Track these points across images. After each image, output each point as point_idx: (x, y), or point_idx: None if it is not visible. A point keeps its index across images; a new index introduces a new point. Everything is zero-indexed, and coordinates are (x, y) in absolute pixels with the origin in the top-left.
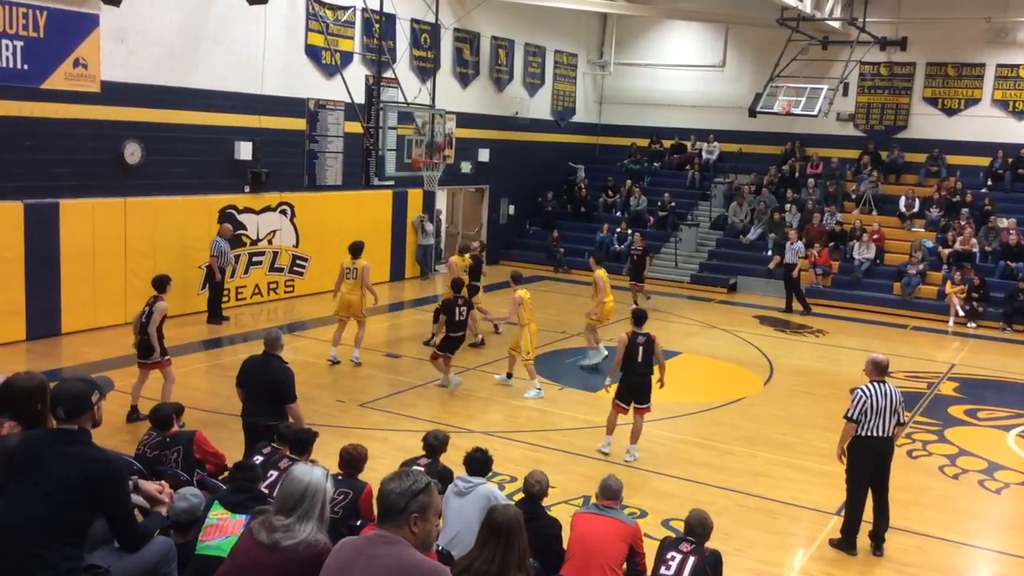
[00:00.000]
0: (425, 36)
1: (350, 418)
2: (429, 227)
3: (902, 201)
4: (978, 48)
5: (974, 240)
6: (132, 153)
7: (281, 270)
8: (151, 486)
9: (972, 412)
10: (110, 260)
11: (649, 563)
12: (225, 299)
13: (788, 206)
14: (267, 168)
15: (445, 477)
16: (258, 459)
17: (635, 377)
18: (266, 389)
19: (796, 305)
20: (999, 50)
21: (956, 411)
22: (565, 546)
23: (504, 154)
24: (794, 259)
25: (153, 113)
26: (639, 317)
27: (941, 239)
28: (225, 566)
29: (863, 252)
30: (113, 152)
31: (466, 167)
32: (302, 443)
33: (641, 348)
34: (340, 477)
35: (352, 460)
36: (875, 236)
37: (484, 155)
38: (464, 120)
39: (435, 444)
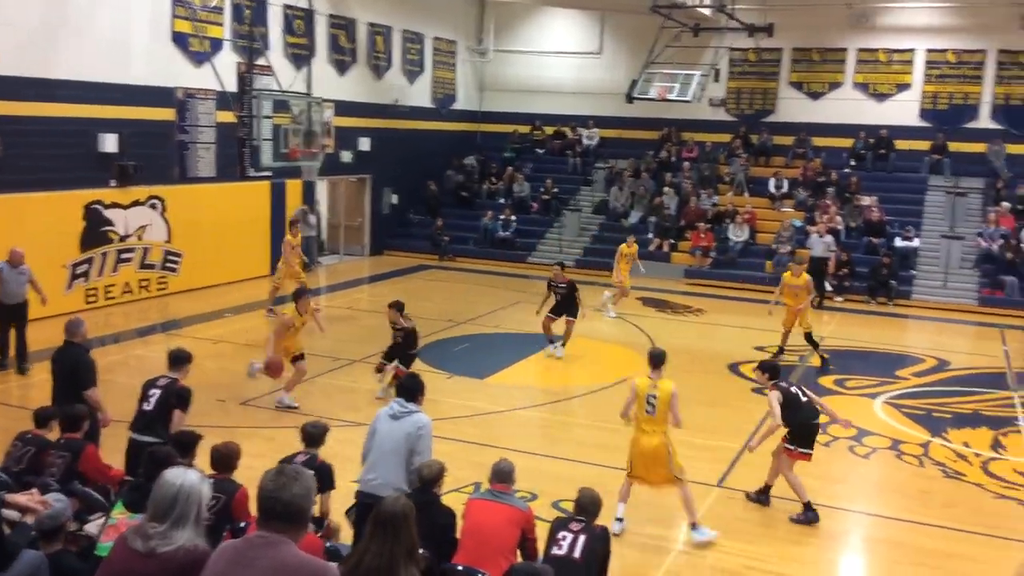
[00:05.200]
0: (299, 22)
1: (232, 417)
2: (311, 219)
3: (771, 183)
4: (840, 33)
5: (839, 218)
6: None
7: (152, 267)
8: (20, 498)
9: (841, 382)
10: None
11: (541, 545)
12: (93, 298)
13: (666, 190)
14: (135, 161)
15: (324, 473)
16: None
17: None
18: (66, 376)
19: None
20: (860, 35)
21: (826, 381)
22: (459, 534)
23: (385, 143)
24: (823, 252)
25: (11, 106)
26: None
27: (808, 218)
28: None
29: (737, 233)
30: None
31: (346, 156)
32: (184, 445)
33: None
34: (212, 479)
35: (223, 458)
36: (748, 217)
37: (365, 144)
38: (343, 108)
39: (314, 433)
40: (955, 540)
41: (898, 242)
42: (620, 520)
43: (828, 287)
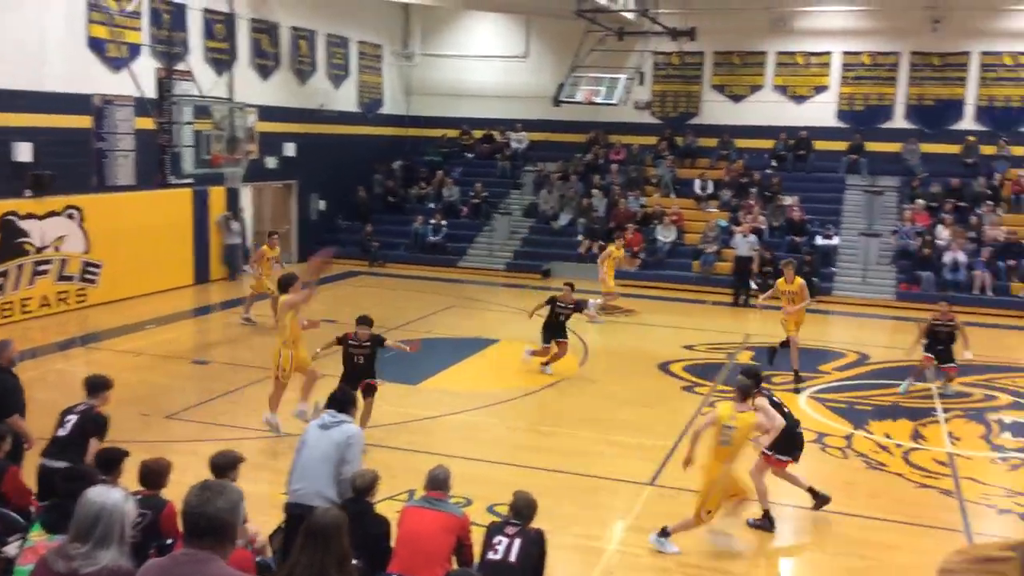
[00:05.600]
0: (220, 27)
1: (155, 432)
2: (235, 226)
3: (697, 184)
4: (760, 37)
5: (762, 218)
6: None
7: (71, 278)
8: None
9: (767, 378)
10: None
11: (477, 550)
12: (9, 312)
13: (595, 192)
14: (51, 170)
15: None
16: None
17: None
18: None
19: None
20: (778, 38)
21: None
22: (394, 542)
23: (311, 148)
24: (748, 251)
25: None
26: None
27: (733, 218)
28: None
29: (665, 234)
30: None
31: (271, 162)
32: (109, 462)
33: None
34: (138, 495)
35: (152, 474)
36: (675, 218)
37: (290, 149)
38: (267, 113)
39: (223, 464)
40: (880, 530)
41: (819, 240)
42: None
43: (753, 285)
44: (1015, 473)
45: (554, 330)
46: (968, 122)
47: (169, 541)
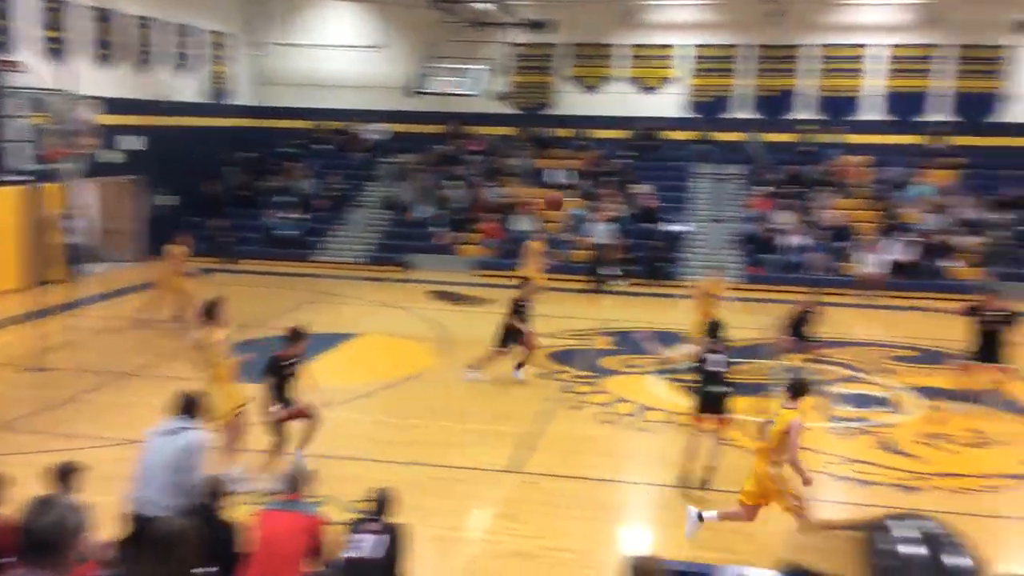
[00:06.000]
0: (55, 14)
1: None
2: (73, 224)
3: (555, 174)
4: (612, 29)
5: (618, 205)
6: None
7: None
8: None
9: (623, 362)
10: None
11: (338, 548)
12: None
13: (454, 183)
14: None
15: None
16: None
17: None
18: None
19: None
20: (629, 31)
21: (610, 362)
22: (251, 545)
23: (158, 141)
24: (605, 239)
25: None
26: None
27: (590, 207)
28: None
29: (524, 224)
30: None
31: (113, 156)
32: None
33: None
34: None
35: None
36: (533, 208)
37: (135, 143)
38: (109, 105)
39: (61, 475)
40: (725, 502)
41: (670, 227)
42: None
43: (613, 272)
44: (850, 441)
45: (514, 333)
46: (803, 111)
47: (4, 560)
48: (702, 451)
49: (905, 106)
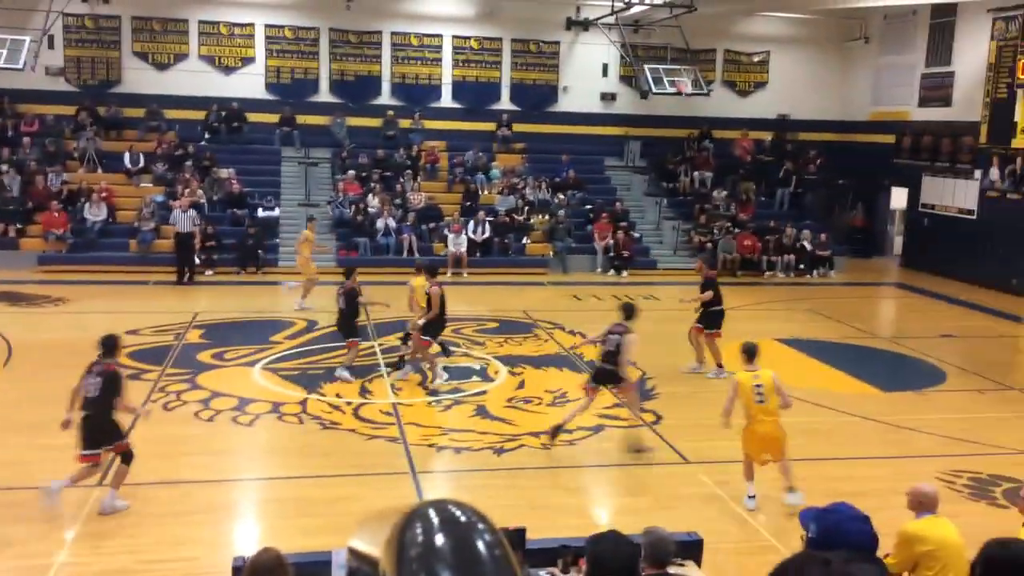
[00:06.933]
0: None
1: None
2: None
3: (127, 157)
4: (182, 5)
5: (200, 191)
6: None
7: None
8: None
9: (220, 355)
10: None
11: None
12: None
13: (5, 168)
14: None
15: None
16: None
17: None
18: None
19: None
20: (200, 7)
21: (205, 356)
22: None
23: None
24: (189, 227)
25: None
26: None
27: (169, 192)
28: None
29: (94, 212)
30: None
31: None
32: None
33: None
34: None
35: None
36: (104, 195)
37: None
38: None
39: None
40: (335, 485)
41: (260, 212)
42: (752, 497)
43: (197, 261)
44: (448, 413)
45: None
46: (386, 97)
47: None
48: None
49: (476, 95)
